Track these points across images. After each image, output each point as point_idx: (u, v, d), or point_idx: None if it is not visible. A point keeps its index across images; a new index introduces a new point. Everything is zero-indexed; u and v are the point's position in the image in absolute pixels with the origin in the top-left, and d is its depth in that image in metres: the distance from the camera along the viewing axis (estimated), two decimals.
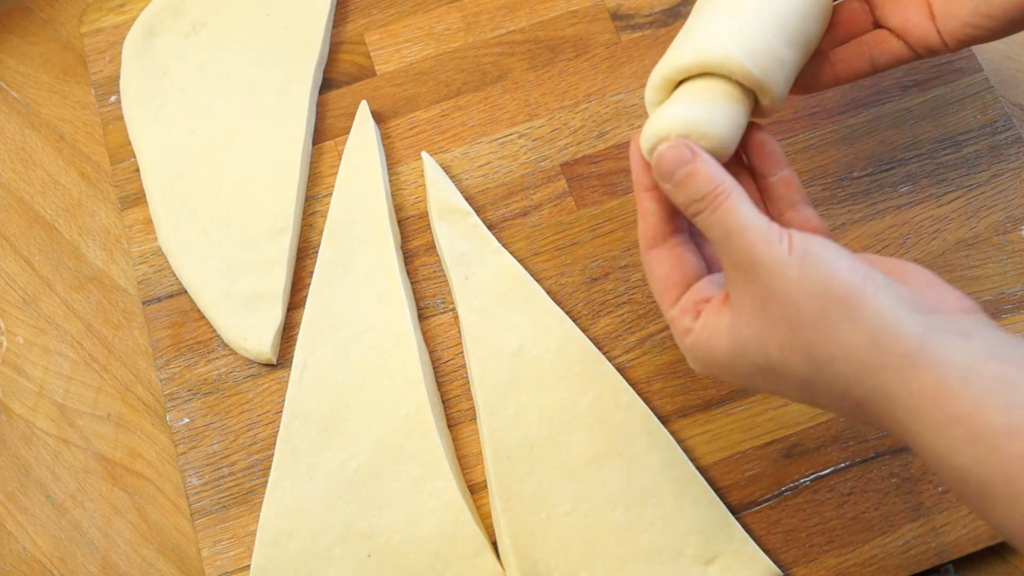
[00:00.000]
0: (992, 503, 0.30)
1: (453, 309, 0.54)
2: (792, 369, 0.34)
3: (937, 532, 0.48)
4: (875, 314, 0.32)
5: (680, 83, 0.40)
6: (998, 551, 0.49)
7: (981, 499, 0.30)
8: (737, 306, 0.36)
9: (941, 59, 0.57)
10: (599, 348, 0.51)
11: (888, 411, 0.32)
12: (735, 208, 0.35)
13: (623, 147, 0.56)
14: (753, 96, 0.40)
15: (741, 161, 0.42)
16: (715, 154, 0.38)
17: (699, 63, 0.39)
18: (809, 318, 0.33)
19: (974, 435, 0.30)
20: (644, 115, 0.57)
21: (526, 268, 0.53)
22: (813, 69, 0.44)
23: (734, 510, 0.49)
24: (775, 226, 0.35)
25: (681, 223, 0.40)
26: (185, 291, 0.54)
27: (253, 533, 0.50)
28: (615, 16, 0.59)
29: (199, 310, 0.54)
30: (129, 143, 0.58)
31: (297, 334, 0.52)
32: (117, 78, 0.59)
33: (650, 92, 0.41)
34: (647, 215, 0.40)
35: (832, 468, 0.50)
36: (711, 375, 0.38)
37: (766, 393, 0.37)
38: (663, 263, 0.40)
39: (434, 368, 0.53)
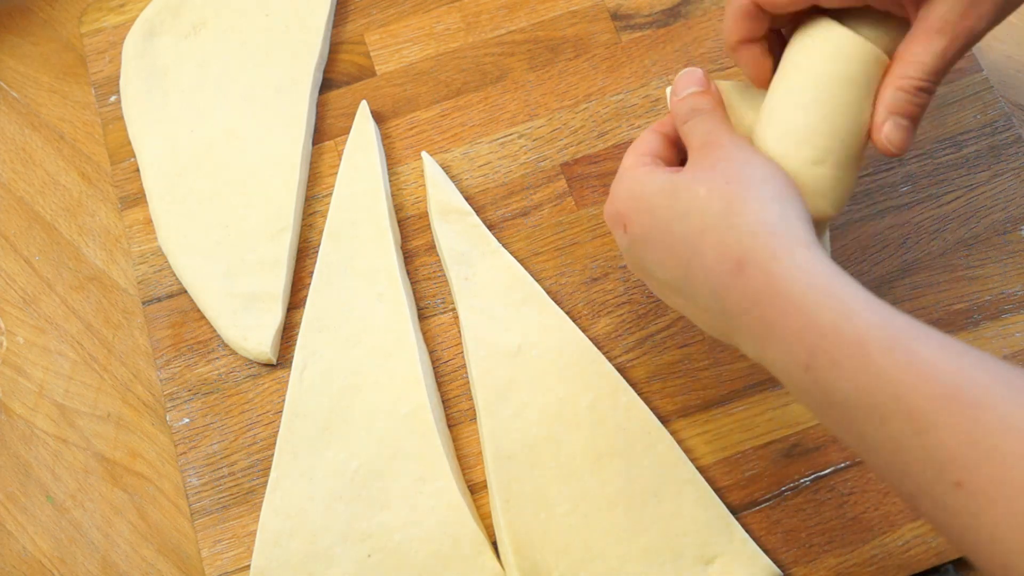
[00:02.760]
0: (840, 367, 0.32)
1: (453, 309, 0.54)
2: (707, 210, 0.37)
3: (937, 532, 0.48)
4: (795, 209, 0.36)
5: None
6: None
7: (831, 364, 0.32)
8: (690, 165, 0.40)
9: None
10: (599, 348, 0.51)
11: (765, 271, 0.34)
12: (722, 118, 0.41)
13: (623, 147, 0.56)
14: None
15: None
16: None
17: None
18: (747, 178, 0.37)
19: (838, 303, 0.33)
20: (643, 115, 0.57)
21: (526, 268, 0.53)
22: None
23: (734, 510, 0.49)
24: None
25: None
26: (185, 291, 0.54)
27: (253, 533, 0.50)
28: (615, 16, 0.59)
29: (199, 310, 0.54)
30: (129, 143, 0.58)
31: (297, 334, 0.52)
32: (117, 78, 0.59)
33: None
34: (651, 139, 0.44)
35: (832, 468, 0.50)
36: (617, 206, 0.41)
37: (644, 243, 0.39)
38: (655, 133, 0.43)
39: (434, 368, 0.53)
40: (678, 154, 0.44)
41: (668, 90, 0.44)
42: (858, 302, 0.33)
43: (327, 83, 0.59)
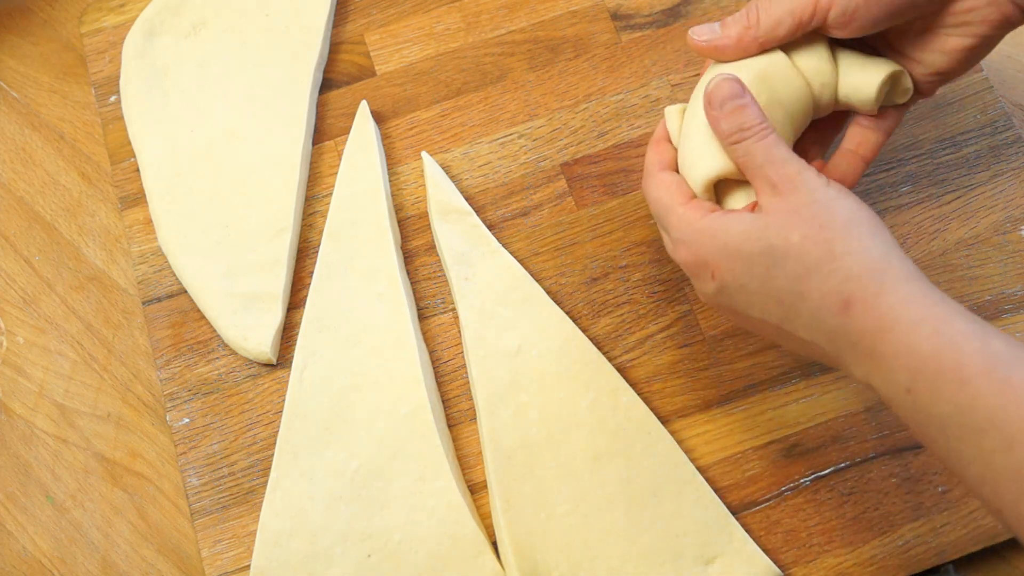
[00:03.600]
0: (939, 389, 0.34)
1: (453, 309, 0.54)
2: (805, 256, 0.38)
3: (937, 532, 0.48)
4: (891, 242, 0.38)
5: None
6: (998, 551, 0.49)
7: (931, 386, 0.34)
8: (769, 209, 0.39)
9: None
10: (599, 348, 0.51)
11: (873, 307, 0.36)
12: (779, 141, 0.40)
13: (623, 147, 0.56)
14: None
15: None
16: None
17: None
18: (839, 222, 0.38)
19: (940, 331, 0.35)
20: (643, 115, 0.57)
21: (526, 268, 0.53)
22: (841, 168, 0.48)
23: (734, 510, 0.49)
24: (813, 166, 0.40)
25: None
26: (185, 291, 0.54)
27: (253, 533, 0.50)
28: (615, 16, 0.59)
29: (199, 310, 0.54)
30: (129, 143, 0.58)
31: (297, 334, 0.52)
32: (117, 78, 0.59)
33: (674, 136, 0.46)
34: (665, 151, 0.45)
35: (832, 468, 0.50)
36: (699, 257, 0.41)
37: (736, 292, 0.40)
38: (676, 176, 0.44)
39: (434, 368, 0.53)
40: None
41: (698, 93, 0.44)
42: (958, 328, 0.35)
43: (327, 83, 0.59)
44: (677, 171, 0.44)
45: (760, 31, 0.44)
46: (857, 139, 0.47)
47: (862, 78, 0.45)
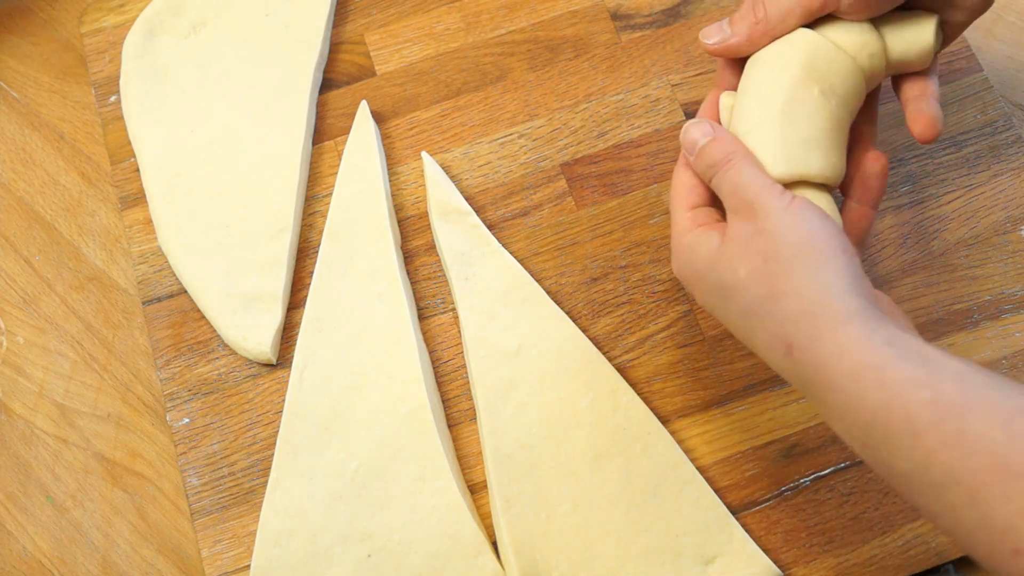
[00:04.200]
0: (893, 445, 0.33)
1: (453, 309, 0.54)
2: (749, 293, 0.38)
3: (937, 532, 0.48)
4: (835, 276, 0.36)
5: None
6: None
7: (884, 443, 0.33)
8: (729, 236, 0.40)
9: (941, 59, 0.57)
10: (599, 348, 0.51)
11: (811, 356, 0.35)
12: (743, 168, 0.40)
13: (623, 147, 0.56)
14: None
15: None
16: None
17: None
18: (784, 255, 0.37)
19: (883, 382, 0.33)
20: (643, 115, 0.57)
21: (526, 268, 0.53)
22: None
23: (734, 510, 0.49)
24: (779, 186, 0.40)
25: None
26: (185, 291, 0.54)
27: (253, 533, 0.50)
28: (615, 16, 0.59)
29: (199, 310, 0.54)
30: (129, 143, 0.58)
31: (297, 334, 0.52)
32: (117, 78, 0.59)
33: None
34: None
35: (832, 468, 0.50)
36: (680, 274, 0.43)
37: (712, 311, 0.42)
38: (693, 177, 0.44)
39: (434, 368, 0.53)
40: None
41: (746, 88, 0.44)
42: (902, 376, 0.33)
43: (327, 83, 0.59)
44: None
45: (770, 25, 0.43)
46: (918, 90, 0.45)
47: (912, 34, 0.44)
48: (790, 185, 0.42)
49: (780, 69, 0.43)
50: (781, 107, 0.42)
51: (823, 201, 0.42)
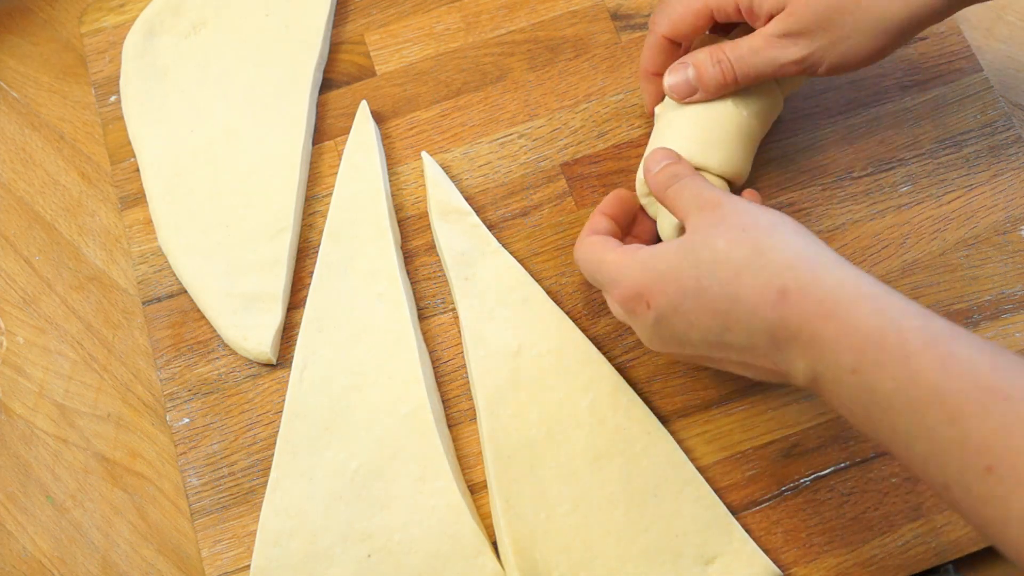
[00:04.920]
0: (883, 366, 0.34)
1: (453, 309, 0.54)
2: (732, 257, 0.39)
3: (937, 532, 0.48)
4: (812, 237, 0.40)
5: None
6: (998, 551, 0.49)
7: (875, 364, 0.35)
8: (695, 226, 0.41)
9: (941, 59, 0.57)
10: (599, 348, 0.51)
11: (809, 292, 0.37)
12: (705, 182, 0.44)
13: (623, 147, 0.56)
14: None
15: None
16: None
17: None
18: (761, 224, 0.40)
19: (880, 308, 0.35)
20: (643, 115, 0.57)
21: (526, 268, 0.53)
22: None
23: (734, 510, 0.49)
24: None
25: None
26: (185, 291, 0.54)
27: (253, 533, 0.50)
28: (615, 16, 0.59)
29: (199, 310, 0.54)
30: (129, 143, 0.58)
31: (297, 334, 0.52)
32: (117, 78, 0.59)
33: (641, 189, 0.51)
34: (598, 222, 0.48)
35: (832, 468, 0.50)
36: (640, 284, 0.42)
37: (671, 321, 0.41)
38: (601, 236, 0.47)
39: (434, 368, 0.53)
40: (624, 233, 0.50)
41: (639, 175, 0.50)
42: (898, 308, 0.36)
43: (327, 83, 0.59)
44: (607, 234, 0.47)
45: (739, 83, 0.48)
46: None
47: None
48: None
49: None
50: (697, 111, 0.49)
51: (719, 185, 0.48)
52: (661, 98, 0.52)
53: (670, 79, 0.49)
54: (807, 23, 0.44)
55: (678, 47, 0.50)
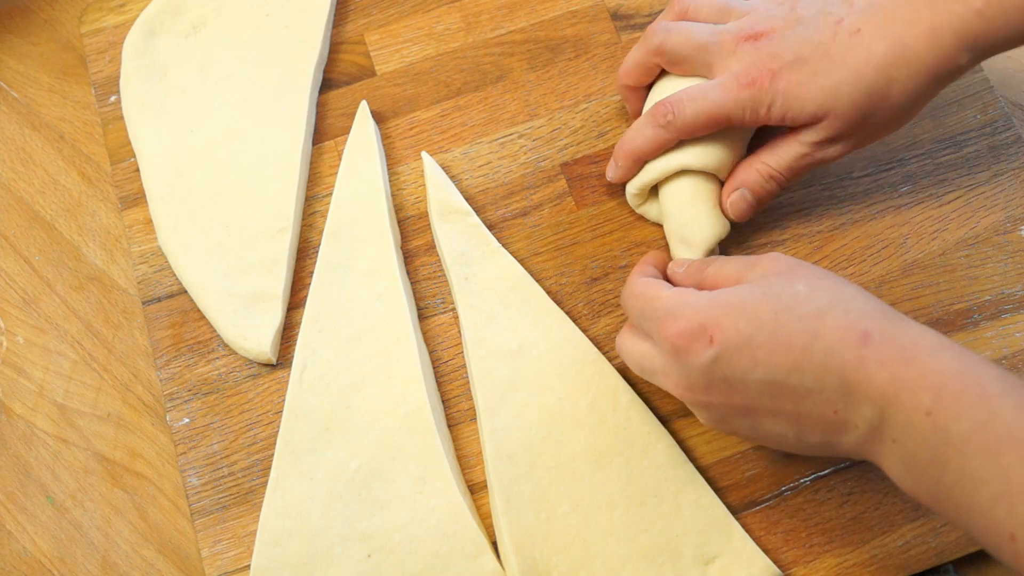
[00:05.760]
0: (962, 406, 0.35)
1: (453, 309, 0.54)
2: (814, 300, 0.39)
3: (937, 532, 0.48)
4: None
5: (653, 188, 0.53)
6: None
7: (954, 404, 0.35)
8: (765, 271, 0.42)
9: None
10: (599, 348, 0.52)
11: (892, 338, 0.37)
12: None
13: None
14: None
15: None
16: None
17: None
18: (836, 277, 0.41)
19: (960, 355, 0.36)
20: None
21: (526, 268, 0.53)
22: None
23: (734, 510, 0.49)
24: None
25: None
26: (185, 291, 0.54)
27: (253, 533, 0.50)
28: (615, 16, 0.59)
29: (199, 310, 0.54)
30: (129, 143, 0.58)
31: (297, 334, 0.52)
32: (117, 78, 0.59)
33: (632, 199, 0.53)
34: (646, 270, 0.49)
35: (832, 468, 0.50)
36: (708, 317, 0.40)
37: (749, 336, 0.40)
38: (654, 277, 0.47)
39: (434, 368, 0.53)
40: None
41: (629, 187, 0.53)
42: (977, 358, 0.37)
43: (327, 83, 0.59)
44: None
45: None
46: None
47: None
48: (677, 174, 0.50)
49: (685, 80, 0.51)
50: None
51: (701, 185, 0.50)
52: (641, 108, 0.54)
53: (733, 211, 0.50)
54: (846, 128, 0.46)
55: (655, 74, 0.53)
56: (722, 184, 0.51)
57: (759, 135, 0.52)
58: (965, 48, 0.44)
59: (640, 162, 0.51)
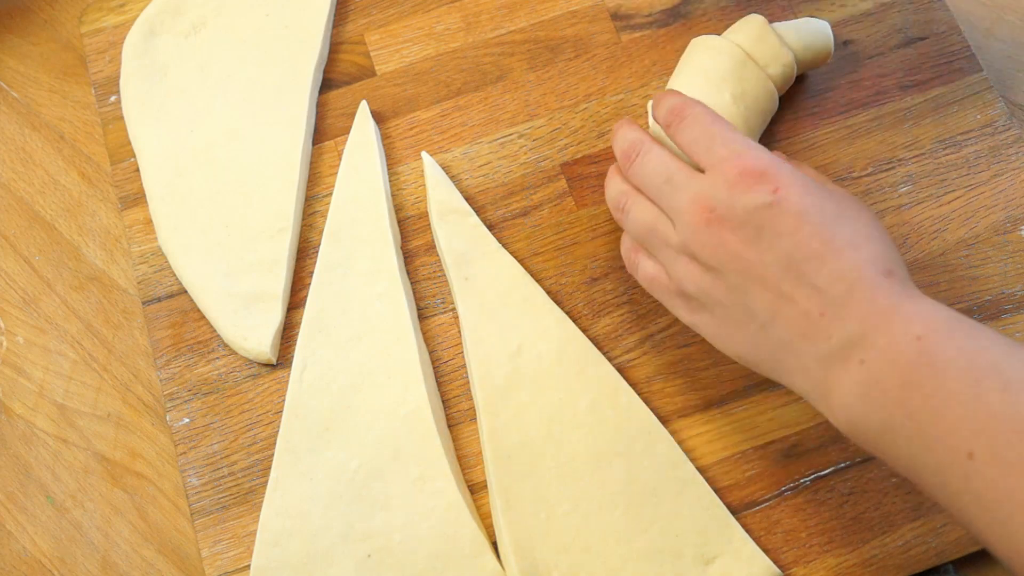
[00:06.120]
0: (976, 383, 0.35)
1: (453, 309, 0.54)
2: (868, 228, 0.41)
3: (937, 532, 0.48)
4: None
5: None
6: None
7: (971, 384, 0.35)
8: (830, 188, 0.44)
9: (941, 59, 0.57)
10: (599, 348, 0.51)
11: (901, 290, 0.39)
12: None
13: None
14: None
15: None
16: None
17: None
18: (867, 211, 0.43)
19: (967, 332, 0.37)
20: (643, 115, 0.57)
21: (526, 268, 0.53)
22: None
23: (734, 510, 0.49)
24: None
25: None
26: (185, 291, 0.54)
27: (253, 533, 0.50)
28: (615, 16, 0.59)
29: (199, 310, 0.54)
30: (129, 143, 0.58)
31: (297, 334, 0.52)
32: (117, 78, 0.59)
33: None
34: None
35: (832, 468, 0.50)
36: (778, 172, 0.41)
37: (807, 208, 0.40)
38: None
39: (434, 368, 0.53)
40: None
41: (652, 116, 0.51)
42: (972, 320, 0.38)
43: (327, 83, 0.59)
44: None
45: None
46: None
47: (815, 37, 0.53)
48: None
49: (700, 75, 0.51)
50: None
51: None
52: None
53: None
54: None
55: None
56: None
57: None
58: None
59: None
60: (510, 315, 0.52)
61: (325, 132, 0.58)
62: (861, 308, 0.38)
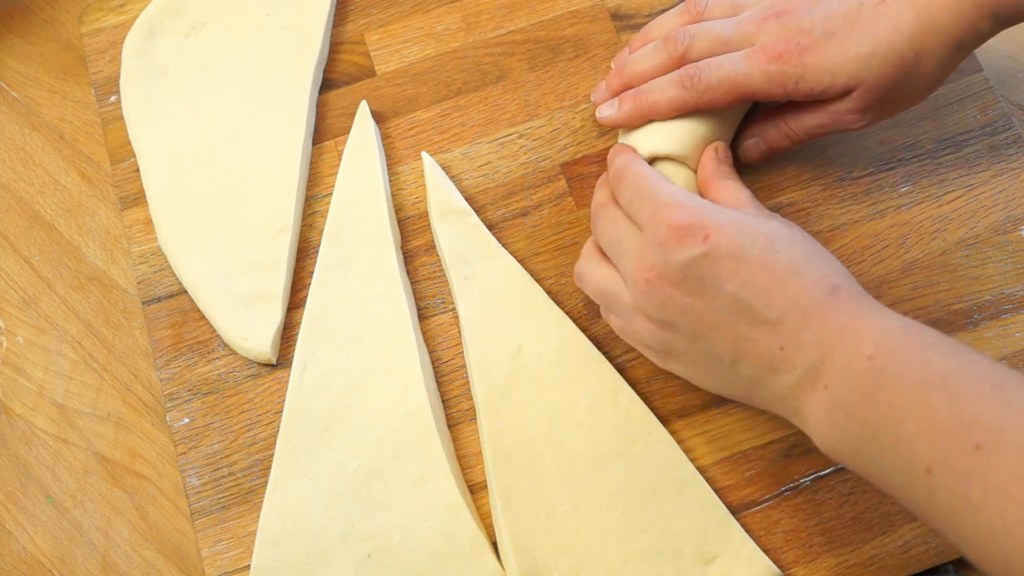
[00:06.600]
0: (925, 395, 0.36)
1: (453, 309, 0.54)
2: (805, 245, 0.42)
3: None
4: None
5: None
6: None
7: (920, 395, 0.36)
8: (764, 209, 0.46)
9: None
10: (599, 348, 0.51)
11: (854, 303, 0.40)
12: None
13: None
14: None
15: None
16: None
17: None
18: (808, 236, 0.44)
19: (915, 346, 0.38)
20: None
21: (526, 268, 0.53)
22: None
23: (734, 510, 0.49)
24: None
25: None
26: (185, 291, 0.54)
27: (253, 533, 0.50)
28: (615, 16, 0.59)
29: (199, 310, 0.54)
30: (129, 143, 0.58)
31: (297, 334, 0.52)
32: (117, 78, 0.59)
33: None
34: None
35: (832, 468, 0.50)
36: (711, 220, 0.42)
37: (740, 250, 0.41)
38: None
39: (434, 368, 0.53)
40: None
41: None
42: (921, 324, 0.39)
43: (327, 83, 0.59)
44: None
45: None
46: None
47: None
48: (651, 161, 0.49)
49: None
50: None
51: (680, 174, 0.49)
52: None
53: (745, 154, 0.52)
54: (875, 99, 0.46)
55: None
56: (694, 172, 0.50)
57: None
58: (987, 15, 0.44)
59: (647, 118, 0.50)
60: (510, 315, 0.52)
61: (325, 132, 0.58)
62: (817, 333, 0.39)
